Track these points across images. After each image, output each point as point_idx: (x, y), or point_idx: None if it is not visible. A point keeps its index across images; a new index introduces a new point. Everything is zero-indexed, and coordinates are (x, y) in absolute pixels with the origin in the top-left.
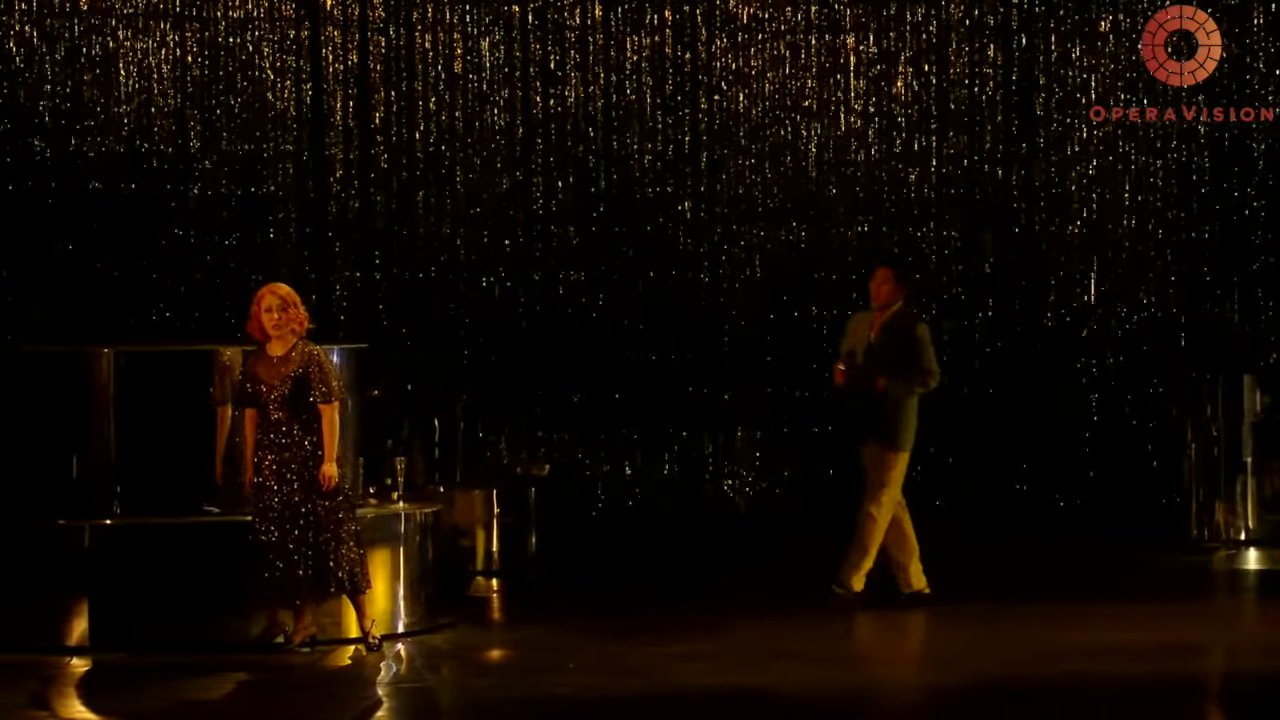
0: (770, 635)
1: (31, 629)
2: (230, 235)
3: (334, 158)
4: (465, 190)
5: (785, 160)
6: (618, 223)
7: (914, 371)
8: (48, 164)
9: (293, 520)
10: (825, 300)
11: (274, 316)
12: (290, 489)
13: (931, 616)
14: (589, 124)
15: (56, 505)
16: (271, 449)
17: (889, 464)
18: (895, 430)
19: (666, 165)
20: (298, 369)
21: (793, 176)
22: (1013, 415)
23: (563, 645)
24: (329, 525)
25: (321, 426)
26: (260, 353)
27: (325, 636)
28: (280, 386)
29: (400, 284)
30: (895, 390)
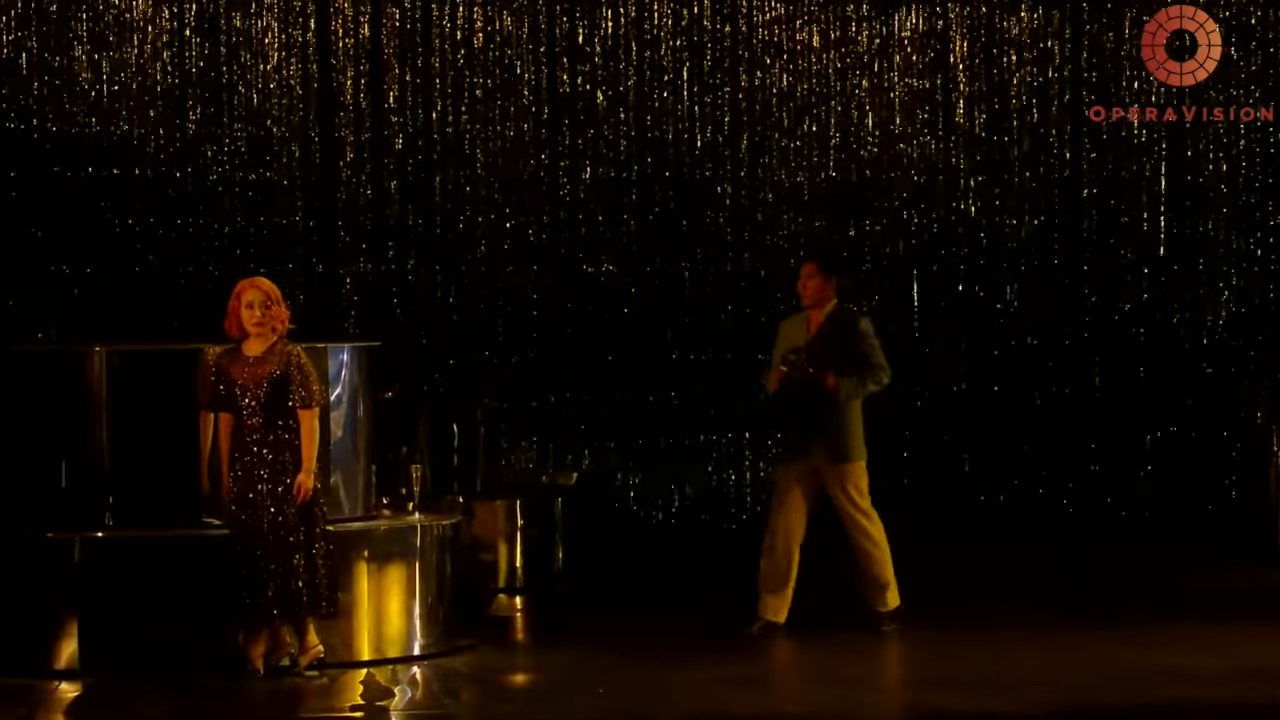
0: (815, 657)
1: (16, 651)
2: (231, 224)
3: (344, 140)
4: (486, 175)
5: (834, 142)
6: (651, 211)
7: (864, 369)
8: (30, 149)
9: (268, 535)
10: (878, 295)
11: (255, 314)
12: (263, 501)
13: (990, 636)
14: (620, 103)
15: (44, 516)
16: (244, 456)
17: (846, 477)
18: (848, 440)
19: (704, 148)
20: (276, 370)
21: (842, 160)
22: (1073, 418)
23: (592, 668)
24: (303, 542)
25: (300, 433)
26: (235, 352)
27: (334, 659)
28: (256, 389)
29: (416, 277)
30: (846, 389)
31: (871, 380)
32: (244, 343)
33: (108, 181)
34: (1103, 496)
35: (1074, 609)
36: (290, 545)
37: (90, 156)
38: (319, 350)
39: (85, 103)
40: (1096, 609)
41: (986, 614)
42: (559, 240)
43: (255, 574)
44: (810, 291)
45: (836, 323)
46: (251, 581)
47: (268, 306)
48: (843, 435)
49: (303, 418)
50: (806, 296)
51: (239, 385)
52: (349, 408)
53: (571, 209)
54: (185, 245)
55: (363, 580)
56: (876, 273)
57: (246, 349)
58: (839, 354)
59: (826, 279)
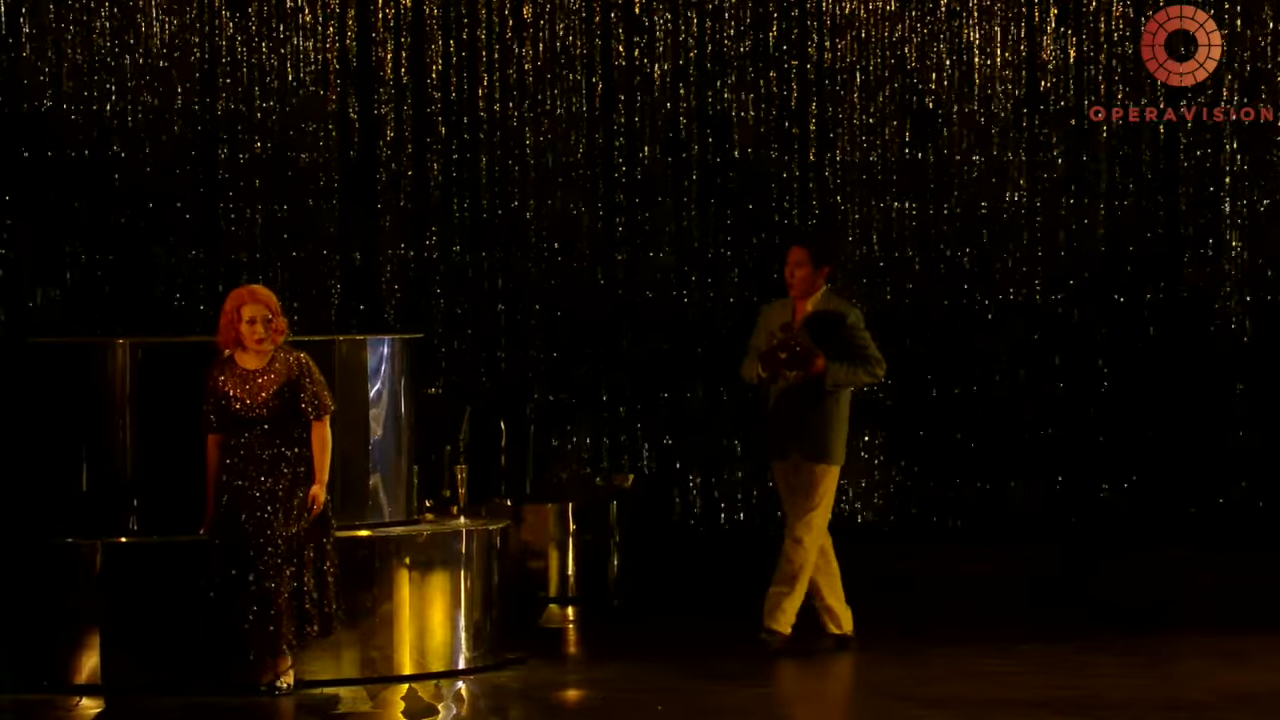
0: (891, 673)
1: (34, 664)
2: (264, 208)
3: (383, 118)
4: (535, 156)
5: (907, 120)
6: (713, 193)
7: (857, 361)
8: (49, 128)
9: (280, 557)
10: (952, 283)
11: (258, 330)
12: (278, 521)
13: (1071, 651)
14: (679, 78)
15: (64, 520)
16: (257, 476)
17: (817, 480)
18: (828, 440)
19: (769, 126)
20: (285, 383)
21: (916, 139)
22: (1153, 414)
23: (649, 685)
24: (312, 559)
25: (311, 444)
26: (230, 366)
27: (374, 673)
28: (262, 408)
29: (460, 264)
30: (835, 374)
31: (865, 371)
32: (238, 356)
33: (129, 163)
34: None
35: (1165, 623)
36: (299, 565)
37: (112, 136)
38: (357, 343)
39: (107, 79)
40: (1190, 622)
41: (1074, 629)
42: (613, 226)
43: (267, 598)
44: (798, 280)
45: (824, 313)
46: (262, 605)
47: (269, 321)
48: (825, 433)
49: (317, 428)
50: (795, 286)
51: (241, 403)
52: (389, 404)
53: (627, 192)
54: (213, 231)
55: (404, 589)
56: (957, 258)
57: (243, 363)
58: (826, 348)
59: (816, 269)
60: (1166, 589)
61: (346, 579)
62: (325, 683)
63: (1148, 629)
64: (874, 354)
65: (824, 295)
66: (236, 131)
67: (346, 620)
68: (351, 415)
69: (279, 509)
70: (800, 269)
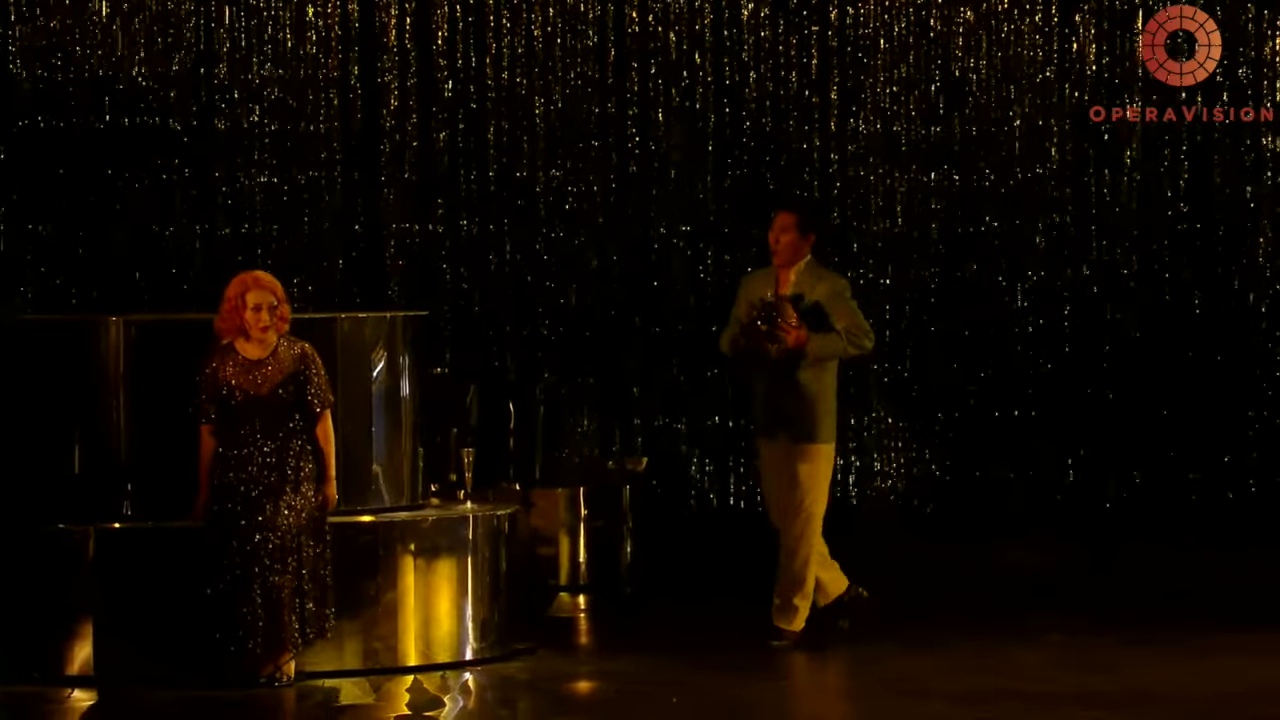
0: (914, 666)
1: (25, 654)
2: (263, 179)
3: (387, 85)
4: (545, 126)
5: (935, 88)
6: (731, 165)
7: (842, 332)
8: (39, 98)
9: (287, 553)
10: (983, 260)
11: (263, 317)
12: (281, 517)
13: (1111, 644)
14: (695, 44)
15: (55, 506)
16: (245, 471)
17: (807, 462)
18: (815, 419)
19: (789, 95)
20: (289, 374)
21: (945, 108)
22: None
23: (663, 676)
24: (315, 562)
25: (314, 437)
26: (231, 354)
27: (378, 664)
28: (269, 399)
29: (467, 239)
30: (818, 345)
31: (852, 343)
32: (239, 344)
33: (124, 133)
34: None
35: (1203, 616)
36: (299, 561)
37: (105, 106)
38: (359, 320)
39: (100, 46)
40: (1229, 616)
41: (1117, 621)
42: (626, 199)
43: (270, 591)
44: (783, 248)
45: (809, 283)
46: (265, 598)
47: (274, 308)
48: (811, 412)
49: (322, 420)
50: (779, 253)
51: (245, 392)
52: (392, 385)
53: (641, 164)
54: (211, 203)
55: (409, 577)
56: (987, 234)
57: (245, 351)
58: (809, 316)
59: (803, 236)
60: (1203, 579)
61: (349, 566)
62: (327, 674)
63: (1184, 620)
64: (861, 324)
65: (808, 265)
66: (234, 100)
67: (348, 610)
68: (354, 396)
69: (281, 502)
70: (786, 235)
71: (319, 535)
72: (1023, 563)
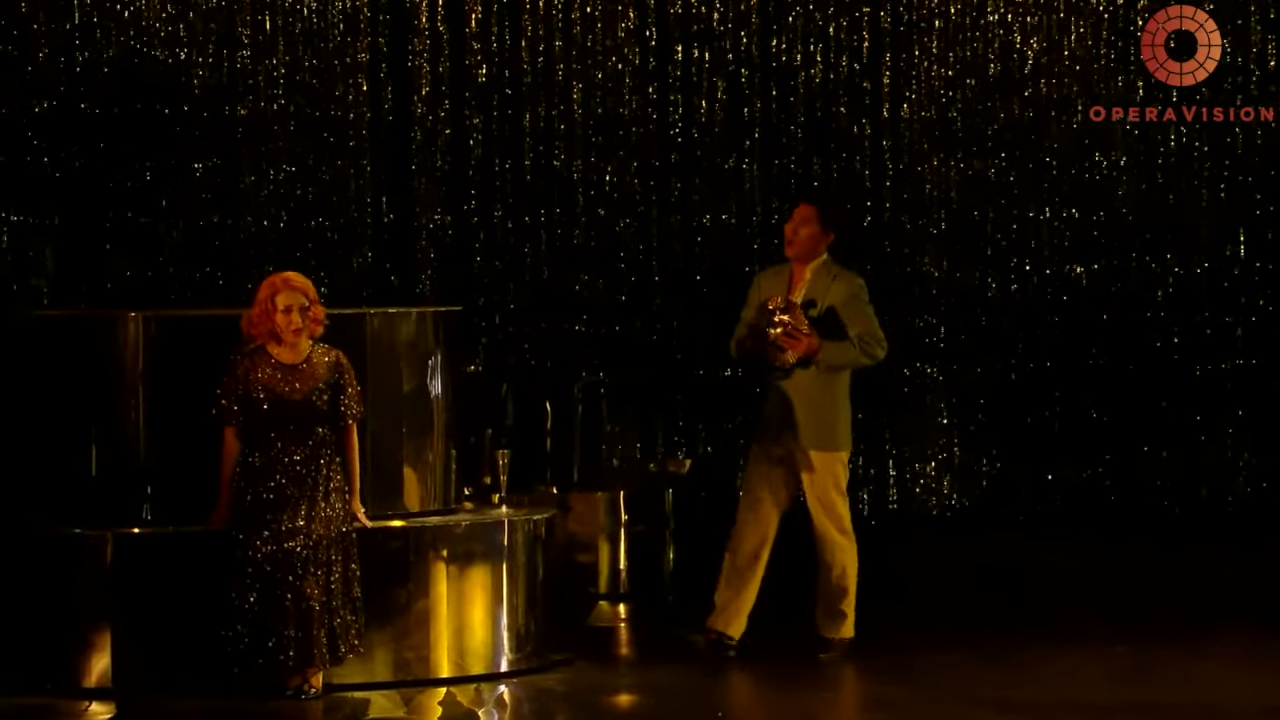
0: (972, 673)
1: (40, 665)
2: (288, 168)
3: (418, 70)
4: (584, 112)
5: (992, 72)
6: (777, 153)
7: (855, 341)
8: (56, 80)
9: (307, 563)
10: (1041, 251)
11: (294, 319)
12: (299, 526)
13: (1173, 653)
14: (739, 26)
15: (72, 510)
16: (274, 480)
17: (827, 469)
18: (830, 423)
19: (838, 78)
20: (324, 382)
21: (1002, 92)
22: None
23: (708, 688)
24: (346, 572)
25: (344, 449)
26: (263, 358)
27: (409, 676)
28: (302, 405)
29: (502, 230)
30: (830, 354)
31: (865, 352)
32: (271, 348)
33: (140, 118)
34: None
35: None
36: (328, 573)
37: (121, 90)
38: (389, 316)
39: (116, 29)
40: None
41: (1173, 628)
42: (669, 187)
43: (301, 602)
44: (801, 242)
45: (824, 283)
46: (297, 609)
47: (306, 309)
48: (823, 416)
49: (350, 433)
50: (795, 246)
51: (278, 401)
52: (424, 384)
53: (684, 150)
54: (233, 193)
55: (441, 585)
56: (1041, 227)
57: (278, 355)
58: (822, 320)
59: (824, 232)
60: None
61: (379, 573)
62: (356, 687)
63: (1245, 626)
64: (875, 332)
65: (824, 263)
66: (258, 84)
67: (378, 619)
68: (384, 396)
69: (311, 511)
70: (806, 228)
71: (348, 549)
72: (1078, 566)
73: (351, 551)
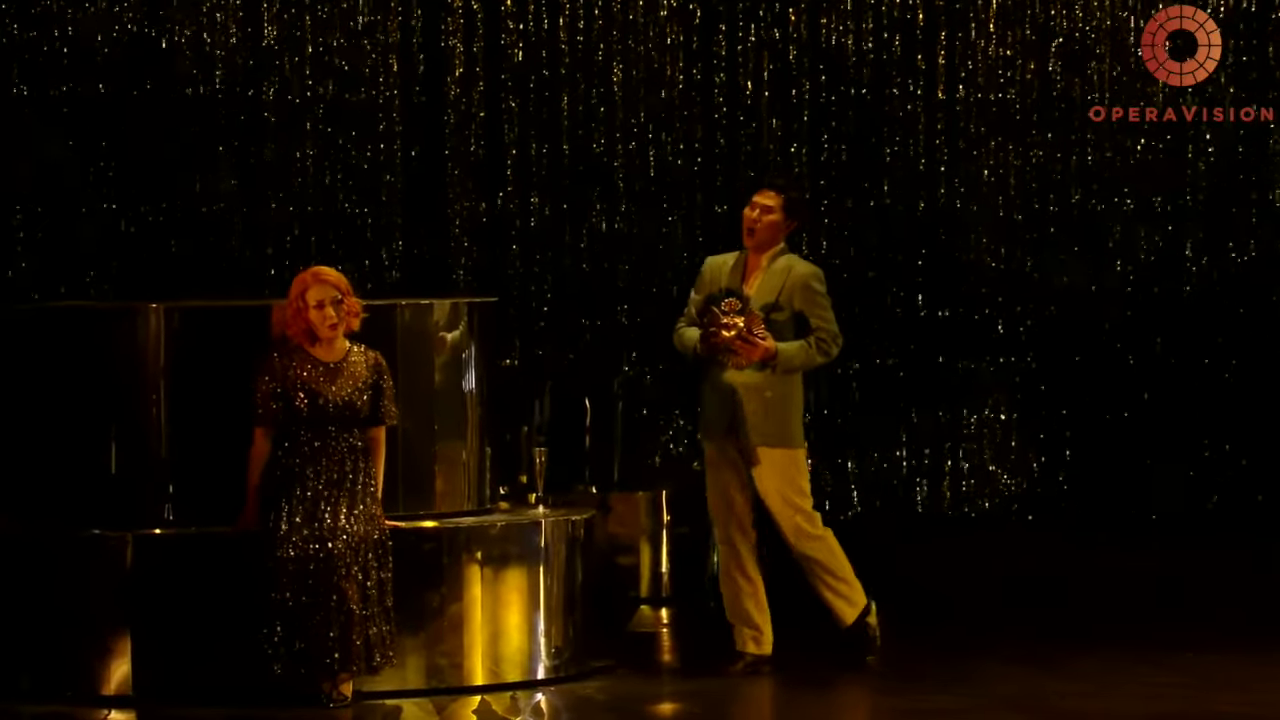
0: (1043, 682)
1: (57, 672)
2: (314, 153)
3: (452, 52)
4: (624, 93)
5: (1050, 49)
6: (827, 135)
7: (811, 336)
8: (68, 63)
9: (346, 565)
10: (1105, 237)
11: (329, 314)
12: (337, 526)
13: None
14: (787, 3)
15: (90, 510)
16: (310, 482)
17: (782, 470)
18: (784, 420)
19: (891, 57)
20: (364, 382)
21: (1061, 74)
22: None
23: (755, 696)
24: (381, 578)
25: (372, 451)
26: (300, 355)
27: (443, 684)
28: (342, 406)
29: (538, 219)
30: (786, 358)
31: (821, 351)
32: (308, 346)
33: (162, 101)
34: None
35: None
36: (366, 578)
37: (140, 72)
38: (421, 308)
39: (136, 8)
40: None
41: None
42: (713, 173)
43: (341, 605)
44: (763, 229)
45: (781, 273)
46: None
47: (339, 301)
48: (773, 414)
49: (380, 437)
50: (755, 234)
51: (318, 401)
52: (457, 378)
53: (729, 132)
54: (257, 179)
55: (475, 588)
56: (1105, 214)
57: (317, 353)
58: (780, 322)
59: (787, 220)
60: None
61: (410, 576)
62: (386, 695)
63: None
64: (832, 329)
65: (781, 253)
66: (283, 66)
67: (409, 624)
68: (416, 391)
69: (350, 513)
70: (768, 216)
71: (383, 554)
72: (1151, 569)
73: (387, 558)
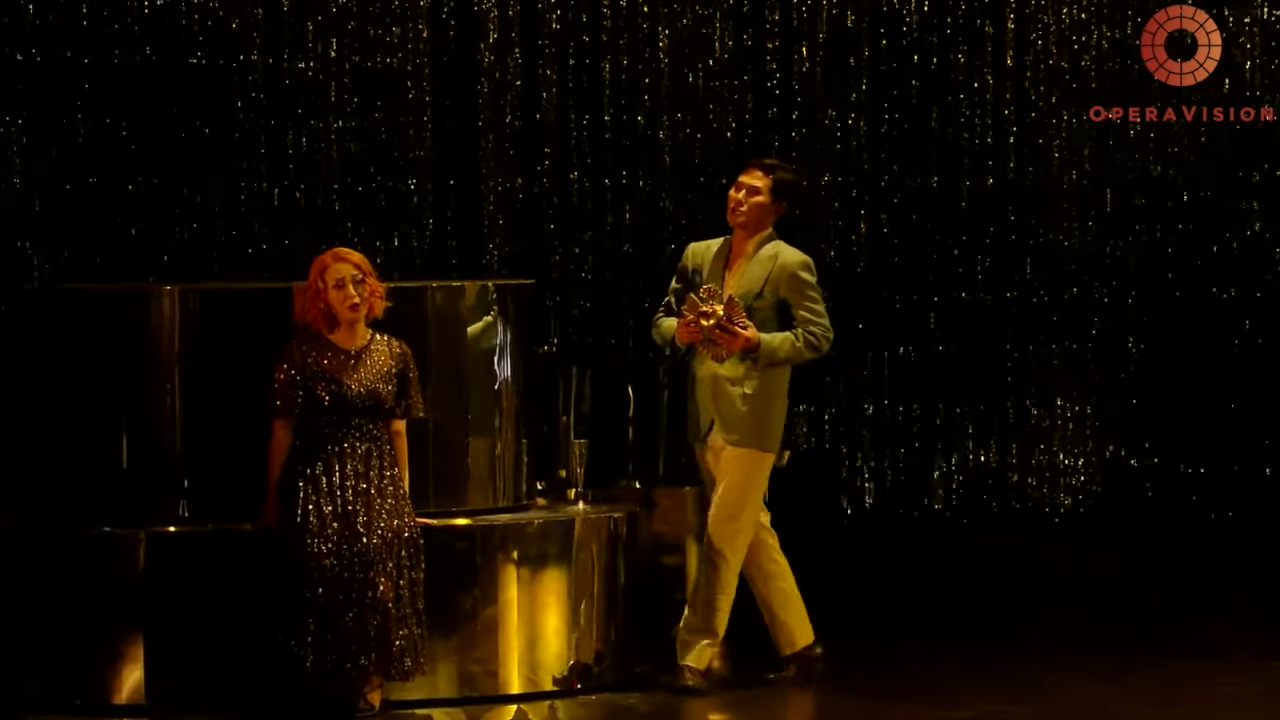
0: (1105, 696)
1: (67, 679)
2: (340, 126)
3: (486, 16)
4: (670, 65)
5: (1121, 18)
6: (886, 108)
7: (800, 329)
8: (82, 30)
9: (380, 563)
10: (1180, 213)
11: (349, 293)
12: (369, 522)
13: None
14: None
15: (100, 506)
16: (332, 473)
17: (745, 469)
18: (761, 421)
19: (953, 26)
20: (388, 371)
21: (1132, 39)
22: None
23: (807, 705)
24: (413, 579)
25: (396, 445)
26: (320, 342)
27: (476, 691)
28: (367, 395)
29: (578, 196)
30: (769, 350)
31: (810, 345)
32: (330, 333)
33: (177, 72)
34: None
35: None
36: (399, 578)
37: (156, 41)
38: (453, 290)
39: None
40: None
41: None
42: (765, 148)
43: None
44: (748, 211)
45: (767, 258)
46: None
47: (361, 281)
48: (753, 413)
49: (402, 429)
50: (740, 215)
51: (342, 390)
52: (492, 366)
53: (782, 106)
54: (280, 153)
55: (511, 590)
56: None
57: (339, 341)
58: (764, 312)
59: (775, 203)
60: None
61: (442, 577)
62: (416, 704)
63: None
64: (822, 321)
65: (768, 238)
66: (305, 32)
67: (440, 629)
68: (447, 379)
69: (382, 508)
70: (754, 197)
71: (415, 554)
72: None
73: (419, 557)
